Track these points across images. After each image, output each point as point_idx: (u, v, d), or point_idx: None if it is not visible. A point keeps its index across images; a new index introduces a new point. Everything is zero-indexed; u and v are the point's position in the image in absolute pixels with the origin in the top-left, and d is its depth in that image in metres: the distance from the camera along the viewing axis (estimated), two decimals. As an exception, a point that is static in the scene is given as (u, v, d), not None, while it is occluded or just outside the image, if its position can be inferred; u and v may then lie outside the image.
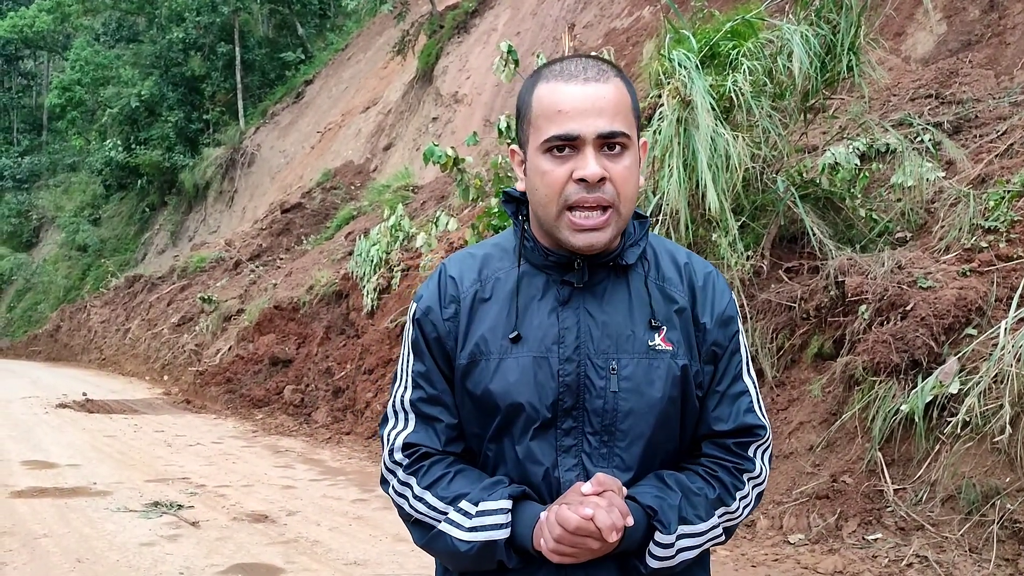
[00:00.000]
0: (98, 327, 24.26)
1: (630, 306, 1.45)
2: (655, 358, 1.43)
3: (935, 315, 5.01)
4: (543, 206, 1.41)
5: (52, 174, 38.87)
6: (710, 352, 1.49)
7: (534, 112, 1.42)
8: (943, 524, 4.49)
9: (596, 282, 1.45)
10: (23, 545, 5.24)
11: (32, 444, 9.09)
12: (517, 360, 1.42)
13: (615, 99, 1.39)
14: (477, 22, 20.40)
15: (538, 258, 1.47)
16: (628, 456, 1.43)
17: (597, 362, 1.42)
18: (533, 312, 1.45)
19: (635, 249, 1.48)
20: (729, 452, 1.50)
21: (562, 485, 1.40)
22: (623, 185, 1.38)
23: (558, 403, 1.41)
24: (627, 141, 1.39)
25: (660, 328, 1.45)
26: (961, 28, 8.27)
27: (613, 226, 1.39)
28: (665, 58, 6.22)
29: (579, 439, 1.42)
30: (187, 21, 28.73)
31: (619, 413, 1.41)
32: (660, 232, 6.15)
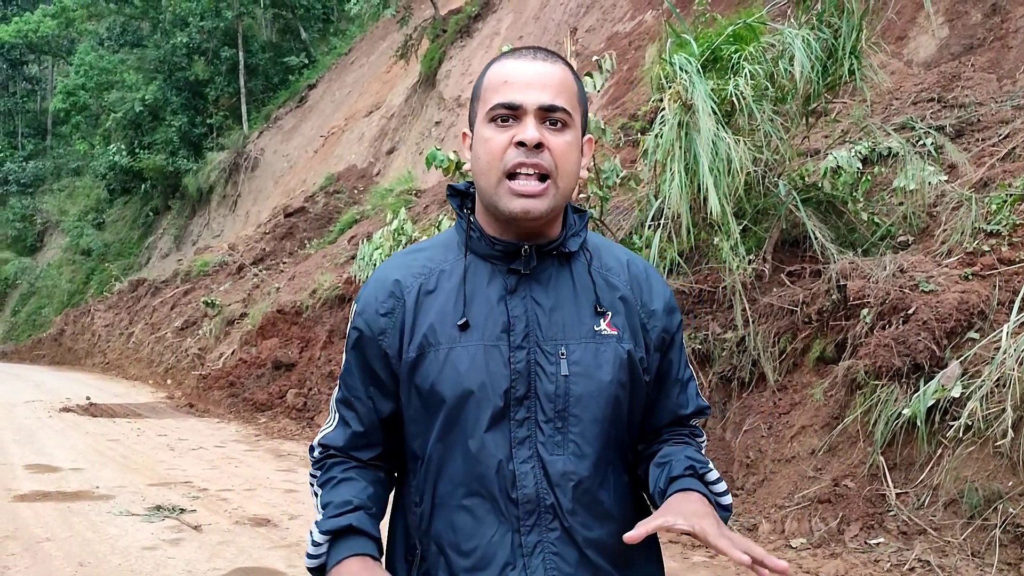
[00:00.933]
0: (102, 331, 24.30)
1: (575, 293, 1.47)
2: (601, 342, 1.45)
3: (937, 319, 5.01)
4: (484, 174, 1.43)
5: (56, 178, 38.97)
6: (660, 339, 1.52)
7: (483, 88, 1.46)
8: (945, 528, 4.48)
9: (541, 271, 1.47)
10: (25, 549, 5.25)
11: (35, 448, 9.10)
12: (467, 349, 1.42)
13: (560, 79, 1.43)
14: (480, 26, 20.43)
15: (484, 248, 1.47)
16: (582, 442, 1.42)
17: (546, 348, 1.43)
18: (481, 301, 1.45)
19: (576, 239, 1.51)
20: (687, 427, 1.60)
21: (517, 478, 1.39)
22: (561, 158, 1.40)
23: (510, 391, 1.40)
24: (568, 119, 1.42)
25: (605, 313, 1.47)
26: (963, 32, 8.27)
27: (551, 197, 1.40)
28: (667, 62, 6.23)
29: (532, 430, 1.41)
30: (191, 26, 28.81)
31: (571, 397, 1.42)
32: (662, 236, 6.15)
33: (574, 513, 1.40)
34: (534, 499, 1.39)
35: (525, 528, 1.39)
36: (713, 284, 6.42)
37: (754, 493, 5.51)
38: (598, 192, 7.00)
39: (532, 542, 1.39)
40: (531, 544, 1.39)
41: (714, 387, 6.23)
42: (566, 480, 1.40)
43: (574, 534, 1.40)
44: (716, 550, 1.27)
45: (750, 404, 5.98)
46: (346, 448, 1.50)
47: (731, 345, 6.13)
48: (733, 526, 5.23)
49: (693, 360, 6.32)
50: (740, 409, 6.01)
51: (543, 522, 1.39)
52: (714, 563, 4.80)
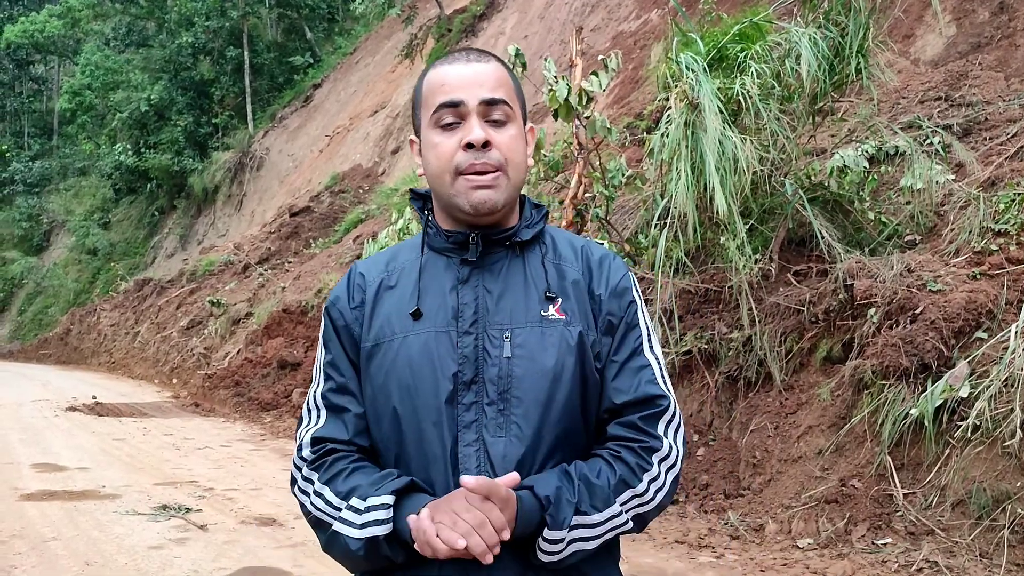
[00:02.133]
0: (108, 330, 24.35)
1: (525, 281, 1.50)
2: (548, 327, 1.47)
3: (945, 318, 4.99)
4: (437, 177, 1.48)
5: (62, 178, 39.08)
6: (606, 322, 1.51)
7: (423, 94, 1.51)
8: (953, 529, 4.46)
9: (493, 261, 1.51)
10: (32, 548, 5.26)
11: (42, 447, 9.12)
12: (418, 336, 1.46)
13: (496, 75, 1.48)
14: (485, 25, 20.43)
15: (439, 242, 1.53)
16: (524, 424, 1.43)
17: (493, 333, 1.46)
18: (434, 291, 1.50)
19: (531, 230, 1.54)
20: (635, 430, 1.47)
21: (460, 461, 1.40)
22: (509, 151, 1.46)
23: (458, 375, 1.43)
24: (509, 112, 1.47)
25: (554, 299, 1.49)
26: (971, 30, 8.24)
27: (504, 188, 1.45)
28: (673, 61, 6.21)
29: (479, 414, 1.43)
30: (196, 26, 28.86)
31: (512, 379, 1.43)
32: (668, 236, 6.14)
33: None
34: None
35: None
36: (719, 283, 6.41)
37: (761, 493, 5.49)
38: (604, 191, 6.99)
39: None
40: None
41: (720, 387, 6.22)
42: (507, 462, 1.40)
43: None
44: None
45: (756, 404, 5.96)
46: (349, 438, 1.49)
47: (737, 345, 6.12)
48: (740, 527, 5.21)
49: (699, 359, 6.31)
50: (746, 409, 6.00)
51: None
52: (720, 564, 4.79)
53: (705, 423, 6.22)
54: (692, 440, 6.21)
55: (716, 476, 5.85)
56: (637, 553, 5.01)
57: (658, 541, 5.24)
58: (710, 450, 6.04)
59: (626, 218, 8.04)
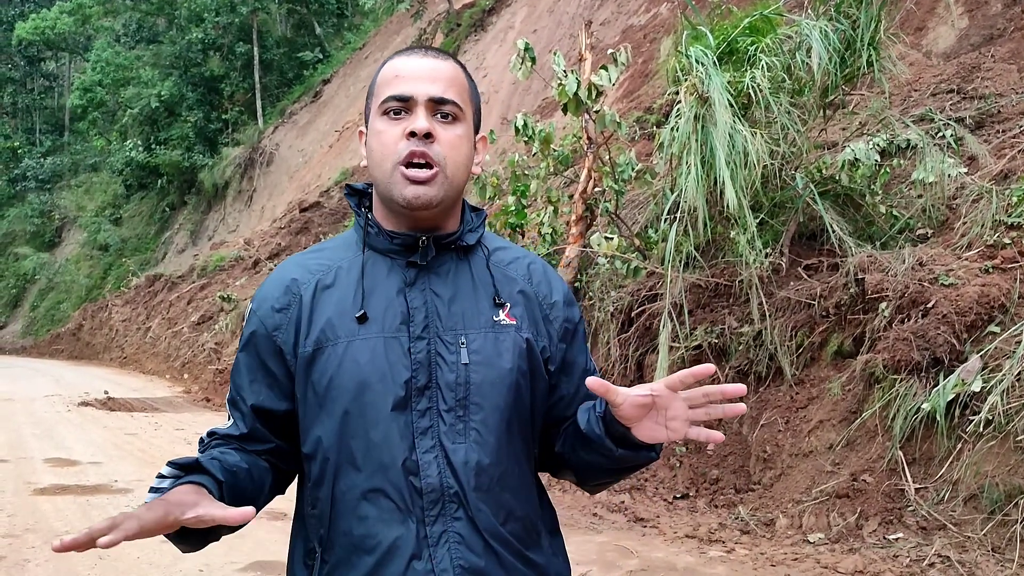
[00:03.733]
0: (119, 326, 24.48)
1: (474, 286, 1.50)
2: (501, 332, 1.47)
3: (957, 312, 4.96)
4: (378, 165, 1.46)
5: (74, 174, 39.23)
6: (563, 328, 1.55)
7: (376, 83, 1.50)
8: (965, 524, 4.44)
9: (439, 264, 1.50)
10: (45, 542, 5.30)
11: (55, 442, 9.18)
12: (366, 342, 1.42)
13: (450, 74, 1.47)
14: (494, 20, 20.40)
15: (383, 243, 1.49)
16: (484, 430, 1.43)
17: (446, 338, 1.44)
18: (380, 294, 1.46)
19: (473, 234, 1.54)
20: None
21: (420, 467, 1.39)
22: (451, 149, 1.44)
23: (411, 381, 1.41)
24: (458, 112, 1.45)
25: (504, 305, 1.50)
26: (983, 22, 8.18)
27: (441, 186, 1.43)
28: (683, 55, 6.19)
29: (435, 420, 1.41)
30: (206, 22, 28.90)
31: (471, 385, 1.43)
32: (678, 230, 6.12)
33: (478, 501, 1.40)
34: (438, 488, 1.38)
35: (430, 518, 1.38)
36: (730, 278, 6.39)
37: (771, 488, 5.48)
38: (613, 186, 6.98)
39: (437, 532, 1.38)
40: (436, 534, 1.38)
41: (730, 381, 6.19)
42: (468, 468, 1.40)
43: (478, 522, 1.40)
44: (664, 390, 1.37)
45: (767, 398, 5.95)
46: (245, 435, 1.52)
47: (748, 339, 6.10)
48: (751, 521, 5.21)
49: (709, 354, 6.30)
50: (757, 403, 5.98)
51: (448, 511, 1.38)
52: (730, 558, 4.78)
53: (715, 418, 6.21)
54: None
55: (726, 471, 5.84)
56: (647, 547, 5.01)
57: (668, 535, 5.24)
58: (720, 445, 6.03)
59: (636, 212, 8.03)
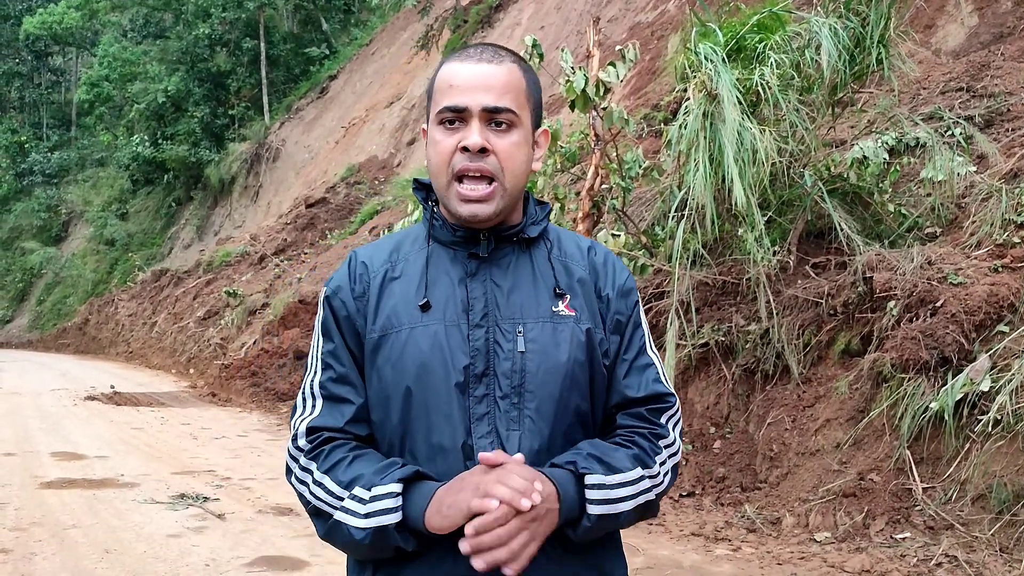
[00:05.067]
0: (125, 320, 24.54)
1: (534, 277, 1.52)
2: (559, 322, 1.49)
3: (966, 312, 4.94)
4: (435, 176, 1.50)
5: (81, 169, 39.34)
6: (614, 321, 1.54)
7: (434, 89, 1.52)
8: (973, 523, 4.43)
9: (501, 256, 1.52)
10: (52, 536, 5.31)
11: (61, 436, 9.21)
12: (427, 328, 1.46)
13: (505, 79, 1.47)
14: (501, 16, 20.37)
15: (446, 235, 1.53)
16: (538, 418, 1.44)
17: (504, 327, 1.47)
18: (442, 284, 1.50)
19: (536, 227, 1.55)
20: (643, 419, 1.52)
21: (475, 452, 1.41)
22: (507, 159, 1.45)
23: (469, 368, 1.44)
24: (514, 119, 1.46)
25: (563, 296, 1.51)
26: (993, 20, 8.14)
27: (498, 199, 1.46)
28: (691, 52, 6.17)
29: (491, 406, 1.44)
30: (213, 17, 28.92)
31: (527, 373, 1.45)
32: (686, 227, 6.11)
33: None
34: None
35: None
36: (737, 276, 6.37)
37: (778, 486, 5.47)
38: (620, 183, 6.96)
39: None
40: None
41: (737, 379, 6.19)
42: (519, 453, 1.41)
43: None
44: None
45: (774, 397, 5.93)
46: (348, 423, 1.49)
47: (755, 337, 6.08)
48: (757, 520, 5.19)
49: (716, 352, 6.28)
50: (764, 402, 5.97)
51: None
52: (737, 556, 4.77)
53: (722, 416, 6.20)
54: (709, 433, 6.19)
55: (733, 469, 5.83)
56: (654, 545, 5.01)
57: (674, 533, 5.23)
58: (727, 443, 6.02)
59: (643, 210, 8.01)
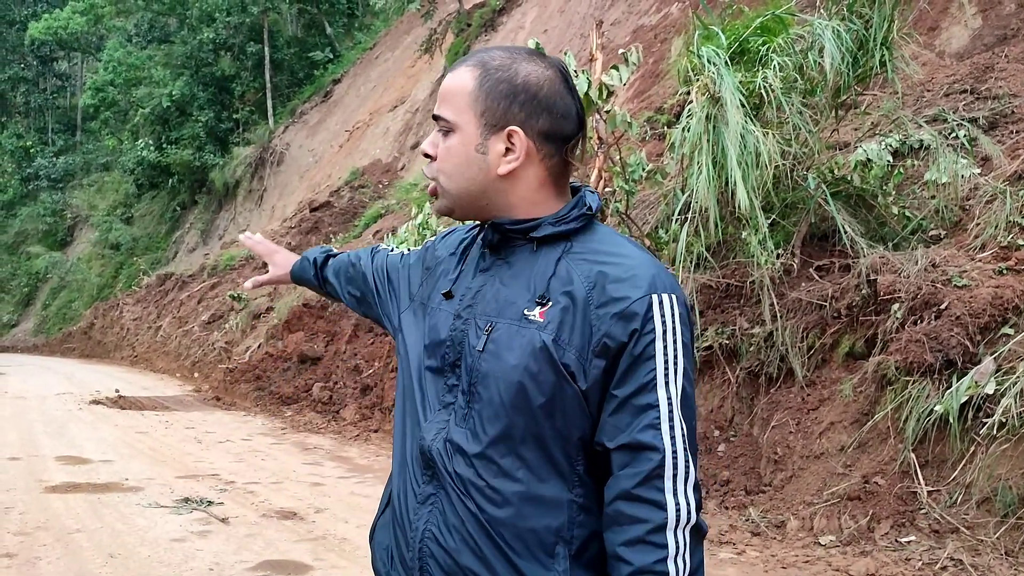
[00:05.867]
0: (130, 324, 24.58)
1: (530, 278, 1.48)
2: (524, 327, 1.43)
3: (970, 314, 4.93)
4: None
5: (86, 173, 39.42)
6: (601, 344, 1.37)
7: None
8: (979, 527, 4.41)
9: (513, 253, 1.52)
10: (57, 540, 5.32)
11: (66, 440, 9.22)
12: (440, 312, 1.57)
13: (453, 87, 1.53)
14: (504, 20, 20.39)
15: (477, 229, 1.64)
16: (482, 420, 1.43)
17: (479, 323, 1.48)
18: (465, 275, 1.59)
19: (554, 227, 1.47)
20: (637, 503, 1.34)
21: (426, 430, 1.50)
22: (440, 161, 1.54)
23: (445, 357, 1.51)
24: (448, 125, 1.53)
25: (545, 303, 1.43)
26: (997, 22, 8.12)
27: (441, 198, 1.56)
28: (694, 55, 6.17)
29: (456, 397, 1.48)
30: (217, 21, 28.98)
31: (478, 373, 1.45)
32: (689, 230, 6.10)
33: (455, 484, 1.43)
34: (428, 454, 1.47)
35: (425, 477, 1.48)
36: (741, 279, 6.36)
37: (782, 490, 5.46)
38: (624, 186, 6.96)
39: (426, 493, 1.47)
40: (425, 494, 1.47)
41: (741, 382, 6.18)
42: (453, 450, 1.44)
43: (455, 503, 1.43)
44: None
45: (778, 400, 5.92)
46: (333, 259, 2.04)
47: (759, 340, 6.07)
48: (762, 523, 5.18)
49: (720, 355, 6.27)
50: (768, 405, 5.96)
51: (439, 480, 1.45)
52: (741, 560, 4.76)
53: (726, 419, 6.19)
54: (713, 436, 6.18)
55: (737, 472, 5.82)
56: (657, 549, 4.99)
57: (678, 537, 5.21)
58: (731, 446, 6.00)
59: (646, 213, 8.01)
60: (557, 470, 1.40)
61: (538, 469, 1.40)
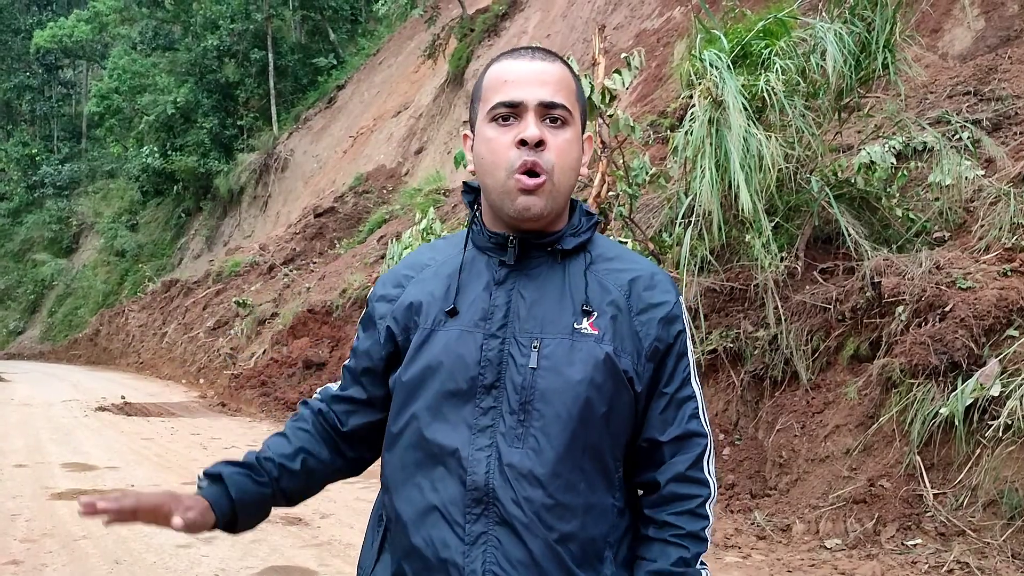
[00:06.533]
0: (136, 331, 24.63)
1: (563, 291, 1.46)
2: (579, 340, 1.42)
3: (975, 316, 4.92)
4: (490, 173, 1.45)
5: (91, 181, 39.57)
6: (653, 347, 1.46)
7: (484, 88, 1.49)
8: (985, 529, 4.40)
9: (533, 266, 1.48)
10: (63, 546, 5.33)
11: (72, 446, 9.24)
12: (447, 333, 1.46)
13: (559, 76, 1.45)
14: (507, 25, 20.43)
15: (482, 240, 1.51)
16: (542, 437, 1.39)
17: (521, 340, 1.42)
18: (471, 290, 1.48)
19: (575, 238, 1.49)
20: (688, 483, 1.47)
21: (469, 464, 1.39)
22: (560, 155, 1.42)
23: (478, 378, 1.42)
24: (568, 116, 1.44)
25: (590, 314, 1.44)
26: (1000, 23, 8.12)
27: (547, 195, 1.42)
28: (696, 58, 6.18)
29: (496, 420, 1.40)
30: (221, 28, 29.10)
31: (536, 391, 1.40)
32: (693, 234, 6.10)
33: (527, 511, 1.37)
34: (482, 488, 1.37)
35: (471, 516, 1.37)
36: (745, 282, 6.36)
37: (788, 493, 5.45)
38: (627, 190, 6.96)
39: (476, 532, 1.37)
40: (475, 533, 1.37)
41: (746, 386, 6.17)
42: (517, 474, 1.37)
43: (522, 533, 1.37)
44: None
45: (783, 403, 5.91)
46: (335, 404, 1.64)
47: (763, 343, 6.07)
48: (767, 527, 5.17)
49: (724, 358, 6.26)
50: (772, 408, 5.95)
51: (490, 514, 1.37)
52: (747, 564, 4.75)
53: (731, 422, 6.18)
54: (718, 440, 6.17)
55: (742, 476, 5.81)
56: (662, 553, 4.98)
57: (684, 541, 5.20)
58: (736, 450, 5.99)
59: (650, 216, 8.00)
60: (606, 477, 1.46)
61: (593, 478, 1.44)
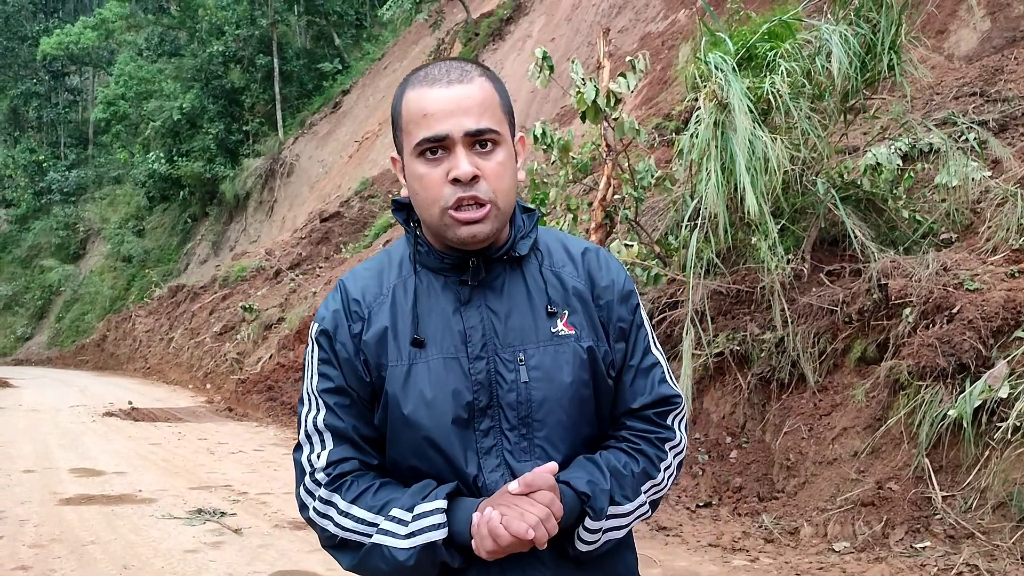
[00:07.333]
0: (143, 336, 24.69)
1: (529, 297, 1.46)
2: (560, 344, 1.44)
3: (983, 317, 4.90)
4: (425, 209, 1.43)
5: (98, 187, 39.67)
6: (618, 329, 1.50)
7: (404, 119, 1.44)
8: (994, 532, 4.38)
9: (493, 278, 1.47)
10: (71, 552, 5.34)
11: (80, 452, 9.26)
12: (427, 364, 1.42)
13: (480, 97, 1.40)
14: (512, 29, 20.45)
15: (434, 262, 1.47)
16: (549, 446, 1.43)
17: (505, 356, 1.42)
18: (435, 315, 1.44)
19: (526, 241, 1.49)
20: (650, 423, 1.51)
21: (487, 488, 1.39)
22: (497, 181, 1.40)
23: (473, 404, 1.41)
24: (496, 137, 1.40)
25: (561, 314, 1.46)
26: (1006, 24, 8.10)
27: (493, 219, 1.40)
28: (701, 61, 6.17)
29: (498, 438, 1.41)
30: (227, 34, 29.18)
31: (533, 403, 1.42)
32: (699, 236, 6.09)
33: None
34: None
35: None
36: (751, 284, 6.35)
37: (795, 496, 5.43)
38: (632, 193, 6.96)
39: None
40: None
41: (753, 388, 6.16)
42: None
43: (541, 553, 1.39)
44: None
45: (790, 405, 5.90)
46: (364, 455, 1.46)
47: (770, 346, 6.06)
48: (775, 530, 5.16)
49: (731, 361, 6.25)
50: (780, 411, 5.93)
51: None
52: (755, 567, 4.74)
53: (738, 425, 6.17)
54: (725, 442, 6.15)
55: (750, 479, 5.80)
56: (671, 556, 4.98)
57: (691, 544, 5.20)
58: (743, 452, 5.98)
59: (656, 219, 8.00)
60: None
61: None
